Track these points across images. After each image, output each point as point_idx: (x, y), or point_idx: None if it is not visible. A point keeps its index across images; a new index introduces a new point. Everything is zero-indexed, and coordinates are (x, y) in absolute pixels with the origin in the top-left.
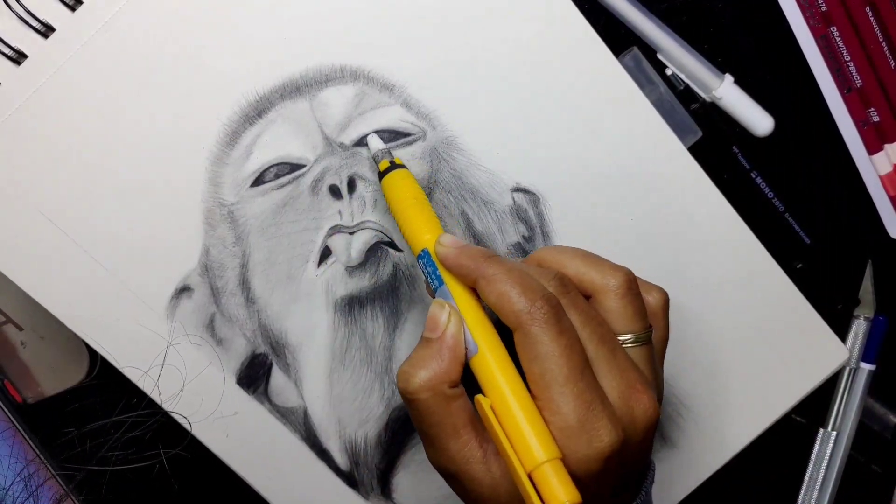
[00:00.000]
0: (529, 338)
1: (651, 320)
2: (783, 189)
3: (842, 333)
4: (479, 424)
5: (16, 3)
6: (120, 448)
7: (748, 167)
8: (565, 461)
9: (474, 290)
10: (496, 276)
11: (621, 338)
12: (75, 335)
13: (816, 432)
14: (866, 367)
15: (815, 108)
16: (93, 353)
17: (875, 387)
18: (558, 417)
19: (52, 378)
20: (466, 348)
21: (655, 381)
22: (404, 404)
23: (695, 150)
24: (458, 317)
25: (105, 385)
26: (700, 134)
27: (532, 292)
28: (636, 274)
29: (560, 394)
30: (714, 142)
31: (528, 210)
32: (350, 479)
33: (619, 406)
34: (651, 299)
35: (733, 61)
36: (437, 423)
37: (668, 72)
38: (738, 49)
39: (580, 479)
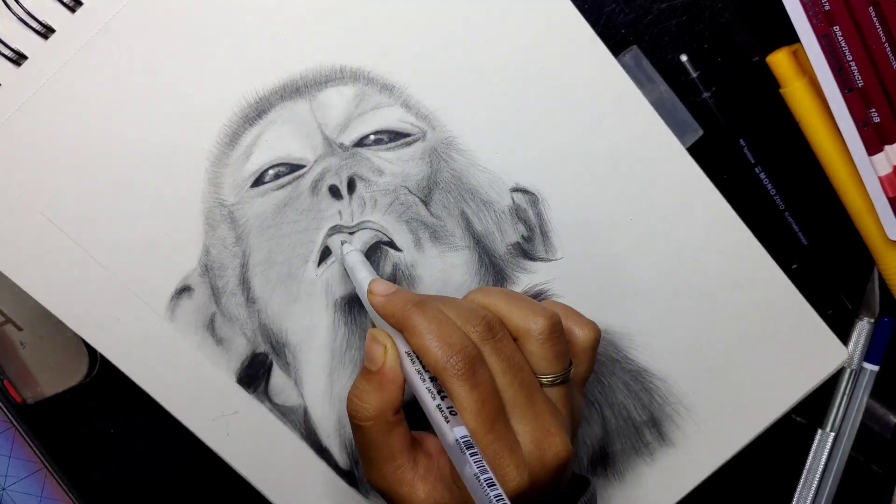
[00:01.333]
0: (448, 391)
1: (577, 356)
2: (784, 187)
3: (841, 334)
4: (413, 451)
5: (16, 4)
6: (120, 448)
7: (752, 161)
8: None
9: None
10: (416, 329)
11: (540, 378)
12: (75, 335)
13: (816, 432)
14: (869, 367)
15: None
16: (93, 353)
17: (875, 387)
18: None
19: (52, 378)
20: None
21: (571, 416)
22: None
23: (696, 148)
24: (395, 350)
25: (105, 385)
26: (701, 132)
27: (449, 346)
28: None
29: None
30: (717, 139)
31: (528, 210)
32: (350, 477)
33: (530, 451)
34: (581, 335)
35: (734, 61)
36: (377, 448)
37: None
38: (739, 49)
39: None
